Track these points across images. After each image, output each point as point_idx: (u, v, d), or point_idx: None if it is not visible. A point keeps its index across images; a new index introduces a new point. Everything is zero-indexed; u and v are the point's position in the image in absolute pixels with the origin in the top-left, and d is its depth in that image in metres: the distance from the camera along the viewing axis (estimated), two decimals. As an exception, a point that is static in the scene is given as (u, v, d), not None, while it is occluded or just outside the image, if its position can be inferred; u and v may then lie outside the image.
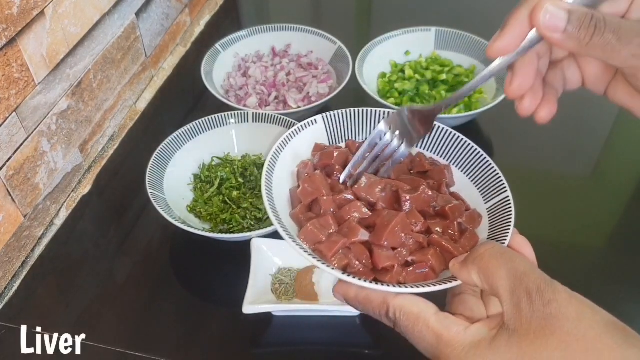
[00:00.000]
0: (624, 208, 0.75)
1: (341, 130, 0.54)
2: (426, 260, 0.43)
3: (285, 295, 0.62)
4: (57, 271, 0.69)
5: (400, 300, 0.39)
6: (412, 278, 0.43)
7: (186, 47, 1.01)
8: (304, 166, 0.50)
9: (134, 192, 0.75)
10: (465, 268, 0.39)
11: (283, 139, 0.50)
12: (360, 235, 0.44)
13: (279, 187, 0.48)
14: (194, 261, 0.69)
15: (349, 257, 0.43)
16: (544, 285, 0.34)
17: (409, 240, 0.44)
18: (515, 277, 0.35)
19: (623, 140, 0.84)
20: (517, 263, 0.36)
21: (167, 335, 0.62)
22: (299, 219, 0.47)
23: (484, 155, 0.51)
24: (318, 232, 0.44)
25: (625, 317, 0.34)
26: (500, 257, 0.37)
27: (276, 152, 0.49)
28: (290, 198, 0.49)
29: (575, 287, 0.35)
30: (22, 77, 0.62)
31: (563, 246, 0.69)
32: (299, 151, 0.51)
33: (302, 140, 0.52)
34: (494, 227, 0.46)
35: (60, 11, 0.66)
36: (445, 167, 0.51)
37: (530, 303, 0.34)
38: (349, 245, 0.44)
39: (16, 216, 0.65)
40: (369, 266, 0.43)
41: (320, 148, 0.52)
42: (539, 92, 0.42)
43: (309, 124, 0.52)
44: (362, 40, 0.92)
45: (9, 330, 0.62)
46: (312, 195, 0.47)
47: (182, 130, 0.74)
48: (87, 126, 0.77)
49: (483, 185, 0.50)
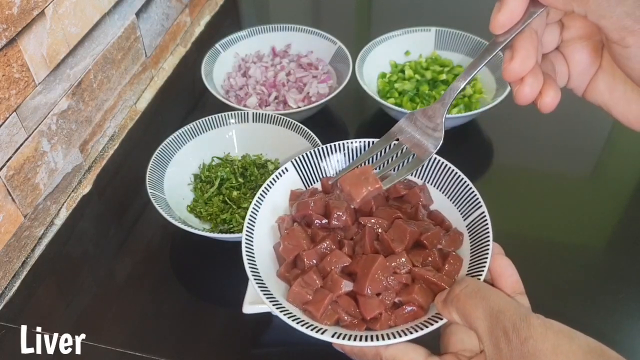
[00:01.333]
0: (624, 208, 0.75)
1: (314, 170, 0.54)
2: (412, 299, 0.44)
3: (285, 295, 0.62)
4: (57, 271, 0.69)
5: (390, 352, 0.41)
6: (401, 320, 0.44)
7: (186, 47, 1.01)
8: (282, 221, 0.51)
9: (134, 192, 0.75)
10: (446, 308, 0.40)
11: (258, 196, 0.51)
12: (344, 287, 0.45)
13: (262, 245, 0.50)
14: (194, 261, 0.69)
15: (338, 312, 0.44)
16: (519, 322, 0.35)
17: (392, 281, 0.44)
18: (491, 316, 0.36)
19: (623, 140, 0.84)
20: (492, 301, 0.37)
21: (167, 335, 0.62)
22: (285, 278, 0.48)
23: (458, 172, 0.51)
24: (304, 292, 0.45)
25: (625, 317, 0.35)
26: (475, 296, 0.38)
27: (254, 210, 0.51)
28: (274, 255, 0.50)
29: (576, 287, 0.36)
30: (22, 77, 0.62)
31: (563, 246, 0.69)
32: (277, 203, 0.53)
33: (278, 190, 0.53)
34: (474, 244, 0.47)
35: (60, 11, 0.66)
36: (420, 188, 0.51)
37: (507, 342, 0.34)
38: (335, 299, 0.45)
39: (16, 216, 0.65)
40: (358, 316, 0.44)
41: (295, 196, 0.52)
42: (540, 75, 0.39)
43: (280, 174, 0.53)
44: (362, 40, 0.92)
45: (9, 330, 0.62)
46: (293, 251, 0.48)
47: (182, 130, 0.74)
48: (87, 126, 0.77)
49: (459, 202, 0.51)
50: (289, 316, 0.43)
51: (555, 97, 0.40)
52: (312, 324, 0.43)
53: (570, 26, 0.42)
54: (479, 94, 0.83)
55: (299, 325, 0.42)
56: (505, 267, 0.42)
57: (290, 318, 0.43)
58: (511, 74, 0.38)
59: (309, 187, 0.54)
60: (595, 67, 0.42)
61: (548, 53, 0.43)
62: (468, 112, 0.78)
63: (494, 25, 0.37)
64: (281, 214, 0.52)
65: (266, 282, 0.46)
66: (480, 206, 0.48)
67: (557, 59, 0.43)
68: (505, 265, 0.42)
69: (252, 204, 0.50)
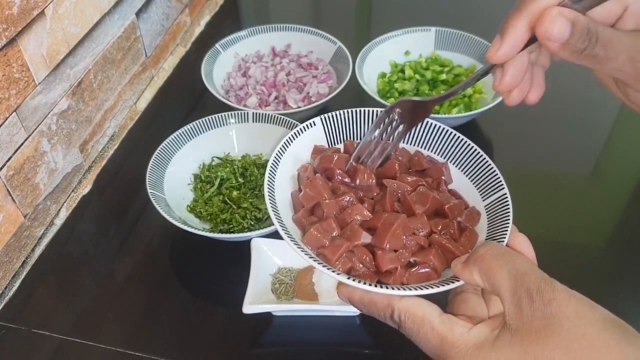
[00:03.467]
0: (624, 208, 0.75)
1: (339, 131, 0.54)
2: (428, 260, 0.43)
3: (285, 295, 0.62)
4: (57, 271, 0.69)
5: (404, 303, 0.40)
6: (415, 279, 0.43)
7: (186, 47, 1.01)
8: (304, 170, 0.50)
9: (134, 192, 0.75)
10: (467, 268, 0.39)
11: (283, 143, 0.51)
12: (363, 238, 0.44)
13: (281, 190, 0.49)
14: (194, 261, 0.69)
15: (353, 260, 0.43)
16: (544, 285, 0.35)
17: (410, 241, 0.44)
18: (515, 277, 0.36)
19: (623, 140, 0.84)
20: (517, 263, 0.37)
21: (167, 335, 0.62)
22: (301, 223, 0.47)
23: (481, 152, 0.51)
24: (321, 236, 0.44)
25: (625, 317, 0.35)
26: (501, 258, 0.37)
27: (277, 155, 0.50)
28: (292, 201, 0.50)
29: (576, 287, 0.35)
30: (22, 77, 0.62)
31: (563, 246, 0.69)
32: (299, 154, 0.52)
33: (302, 142, 0.52)
34: (492, 224, 0.47)
35: (60, 11, 0.66)
36: (442, 164, 0.51)
37: (530, 303, 0.34)
38: (352, 249, 0.44)
39: (16, 216, 0.65)
40: (372, 268, 0.44)
41: (319, 151, 0.52)
42: (528, 83, 0.43)
43: (307, 126, 0.52)
44: (362, 40, 0.92)
45: (9, 330, 0.62)
46: (314, 199, 0.47)
47: (182, 130, 0.74)
48: (87, 126, 0.77)
49: (480, 183, 0.50)
50: (306, 254, 0.42)
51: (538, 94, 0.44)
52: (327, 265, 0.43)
53: None
54: (479, 94, 0.83)
55: (315, 263, 0.42)
56: (524, 245, 0.42)
57: (307, 256, 0.42)
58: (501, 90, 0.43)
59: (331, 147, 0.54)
60: None
61: None
62: (468, 112, 0.78)
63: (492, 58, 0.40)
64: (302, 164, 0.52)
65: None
66: (502, 187, 0.48)
67: None
68: (523, 242, 0.43)
69: (275, 150, 0.50)
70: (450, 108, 0.81)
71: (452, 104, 0.82)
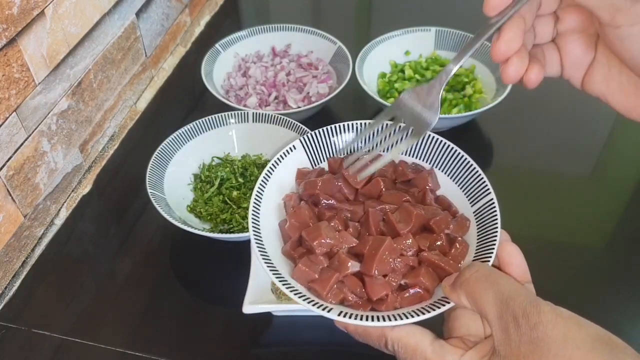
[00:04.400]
0: (624, 208, 0.75)
1: (321, 149, 0.54)
2: (418, 282, 0.43)
3: (285, 295, 0.62)
4: (57, 271, 0.69)
5: (396, 333, 0.40)
6: (407, 302, 0.43)
7: (186, 47, 1.01)
8: (288, 199, 0.50)
9: (134, 192, 0.75)
10: (454, 292, 0.40)
11: (265, 172, 0.51)
12: (351, 268, 0.44)
13: (268, 222, 0.49)
14: (194, 261, 0.69)
15: (344, 291, 0.44)
16: (530, 308, 0.35)
17: (398, 264, 0.44)
18: (501, 301, 0.36)
19: (623, 140, 0.84)
20: (502, 286, 0.37)
21: (167, 335, 0.62)
22: (290, 255, 0.47)
23: (467, 158, 0.51)
24: (310, 270, 0.45)
25: (625, 317, 0.35)
26: (485, 281, 0.38)
27: (260, 186, 0.50)
28: (279, 232, 0.50)
29: (576, 288, 0.36)
30: (22, 77, 0.62)
31: (563, 246, 0.69)
32: (283, 181, 0.52)
33: (285, 168, 0.52)
34: (481, 231, 0.47)
35: (60, 11, 0.66)
36: (428, 172, 0.51)
37: (517, 327, 0.34)
38: (341, 279, 0.44)
39: (16, 216, 0.65)
40: (364, 297, 0.44)
41: (302, 175, 0.52)
42: (525, 58, 0.42)
43: (288, 151, 0.53)
44: (362, 40, 0.92)
45: (9, 330, 0.62)
46: (299, 230, 0.47)
47: (182, 130, 0.74)
48: (87, 126, 0.77)
49: (468, 188, 0.50)
50: (295, 293, 0.43)
51: (539, 73, 0.42)
52: (318, 301, 0.43)
53: (564, 19, 0.43)
54: (479, 94, 0.83)
55: (305, 302, 0.42)
56: (514, 255, 0.42)
57: (297, 295, 0.42)
58: (497, 53, 0.40)
59: (315, 167, 0.54)
60: (589, 59, 0.43)
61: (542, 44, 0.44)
62: (468, 112, 0.78)
63: (487, 7, 0.39)
64: (287, 191, 0.52)
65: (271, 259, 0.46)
66: (489, 193, 0.48)
67: (550, 50, 0.44)
68: (513, 252, 0.42)
69: (258, 180, 0.50)
70: (450, 108, 0.81)
71: (452, 104, 0.82)
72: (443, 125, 0.81)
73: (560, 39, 0.43)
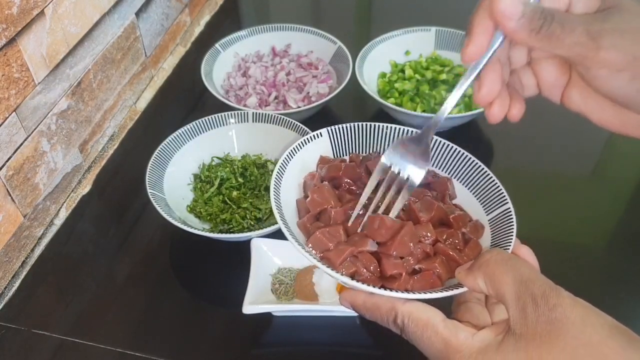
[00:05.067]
0: (624, 208, 0.75)
1: (345, 143, 0.54)
2: (433, 268, 0.44)
3: (285, 295, 0.62)
4: (57, 271, 0.68)
5: (408, 307, 0.40)
6: (419, 286, 0.43)
7: (186, 47, 1.01)
8: (311, 177, 0.50)
9: (134, 192, 0.75)
10: (471, 274, 0.39)
11: (290, 150, 0.51)
12: (370, 246, 0.44)
13: (286, 196, 0.49)
14: (194, 261, 0.69)
15: (357, 265, 0.44)
16: (549, 290, 0.35)
17: (416, 249, 0.44)
18: (520, 282, 0.36)
19: (623, 140, 0.84)
20: (522, 269, 0.37)
21: (167, 335, 0.62)
22: (306, 228, 0.47)
23: (484, 168, 0.51)
24: (327, 240, 0.44)
25: (625, 317, 0.35)
26: (506, 264, 0.38)
27: (284, 161, 0.50)
28: (297, 208, 0.50)
29: (576, 287, 0.35)
30: (22, 77, 0.62)
31: (563, 246, 0.69)
32: (305, 163, 0.52)
33: (308, 152, 0.52)
34: (496, 237, 0.47)
35: (60, 11, 0.66)
36: (447, 179, 0.51)
37: (535, 307, 0.34)
38: (356, 254, 0.44)
39: (16, 216, 0.65)
40: (376, 274, 0.44)
41: (325, 161, 0.52)
42: (506, 98, 0.44)
43: (314, 136, 0.53)
44: (362, 40, 0.92)
45: (9, 330, 0.62)
46: (320, 205, 0.47)
47: (182, 130, 0.74)
48: (87, 126, 0.77)
49: (484, 198, 0.51)
50: (311, 255, 0.43)
51: (520, 111, 0.45)
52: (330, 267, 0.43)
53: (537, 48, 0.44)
54: (479, 94, 0.83)
55: (319, 263, 0.42)
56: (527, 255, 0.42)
57: (312, 257, 0.42)
58: (481, 101, 0.43)
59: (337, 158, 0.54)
60: (564, 80, 0.44)
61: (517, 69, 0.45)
62: (468, 112, 0.78)
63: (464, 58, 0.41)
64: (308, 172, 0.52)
65: None
66: (506, 202, 0.48)
67: (526, 74, 0.46)
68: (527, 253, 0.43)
69: (282, 156, 0.50)
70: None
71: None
72: (443, 125, 0.81)
73: (535, 65, 0.45)
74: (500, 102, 0.44)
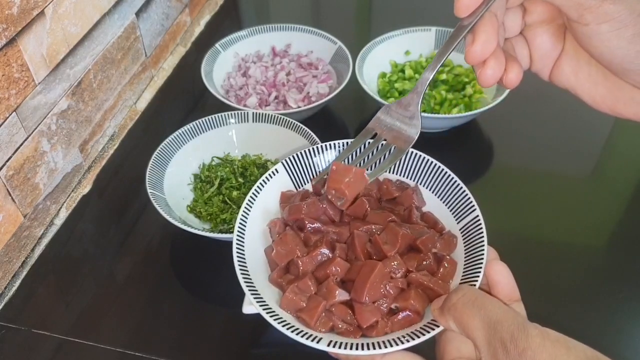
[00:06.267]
0: (624, 208, 0.75)
1: (304, 171, 0.54)
2: (409, 305, 0.43)
3: (285, 295, 0.62)
4: (57, 271, 0.69)
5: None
6: (398, 326, 0.43)
7: (186, 47, 1.01)
8: (273, 225, 0.50)
9: (134, 192, 0.75)
10: (442, 316, 0.40)
11: (249, 198, 0.50)
12: (339, 296, 0.44)
13: (254, 249, 0.49)
14: (194, 261, 0.69)
15: (333, 319, 0.44)
16: (517, 333, 0.34)
17: (389, 288, 0.44)
18: (489, 326, 0.36)
19: (623, 140, 0.84)
20: (489, 310, 0.37)
21: (167, 335, 0.62)
22: (278, 283, 0.47)
23: (451, 175, 0.51)
24: (297, 299, 0.44)
25: (625, 317, 0.35)
26: (472, 306, 0.37)
27: (244, 213, 0.50)
28: (266, 259, 0.49)
29: (576, 287, 0.35)
30: (22, 77, 0.62)
31: (563, 246, 0.69)
32: (268, 205, 0.52)
33: (269, 192, 0.52)
34: (469, 248, 0.46)
35: (60, 11, 0.66)
36: (413, 189, 0.51)
37: (505, 353, 0.34)
38: (329, 308, 0.44)
39: (16, 216, 0.65)
40: (353, 324, 0.44)
41: (286, 198, 0.52)
42: (502, 58, 0.40)
43: (270, 175, 0.52)
44: (362, 40, 0.92)
45: (9, 330, 0.62)
46: (286, 257, 0.47)
47: (182, 130, 0.74)
48: (87, 126, 0.77)
49: (453, 205, 0.50)
50: (283, 324, 0.43)
51: (519, 73, 0.41)
52: (307, 331, 0.43)
53: (532, 10, 0.42)
54: (479, 94, 0.83)
55: (293, 334, 0.42)
56: (502, 274, 0.42)
57: (285, 326, 0.42)
58: (473, 56, 0.39)
59: (299, 189, 0.54)
60: (557, 50, 0.42)
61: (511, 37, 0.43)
62: (468, 112, 0.78)
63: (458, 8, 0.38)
64: (272, 216, 0.52)
65: (258, 287, 0.46)
66: (474, 209, 0.48)
67: (518, 43, 0.43)
68: (501, 271, 0.42)
69: (242, 208, 0.50)
70: (450, 108, 0.81)
71: (452, 104, 0.82)
72: (443, 125, 0.81)
73: (529, 31, 0.42)
74: (495, 62, 0.40)
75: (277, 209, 0.53)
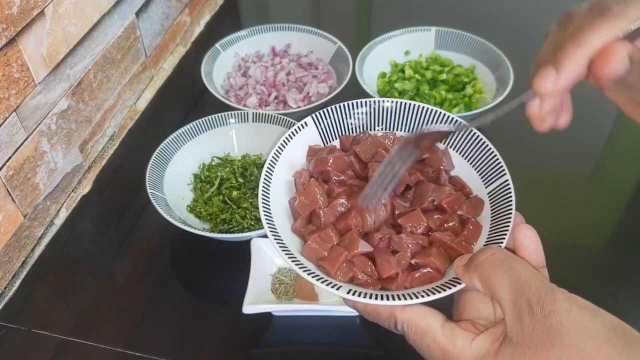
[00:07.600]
0: (624, 208, 0.75)
1: (333, 128, 0.53)
2: (429, 262, 0.43)
3: (285, 295, 0.62)
4: (57, 271, 0.68)
5: (407, 313, 0.40)
6: (417, 282, 0.43)
7: (186, 47, 1.01)
8: (299, 176, 0.50)
9: (134, 192, 0.75)
10: (467, 274, 0.39)
11: (276, 149, 0.50)
12: (361, 247, 0.44)
13: (278, 199, 0.48)
14: (194, 261, 0.69)
15: (353, 270, 0.43)
16: (545, 295, 0.34)
17: (410, 242, 0.44)
18: (516, 287, 0.35)
19: (623, 140, 0.84)
20: (517, 271, 0.36)
21: (167, 335, 0.62)
22: (300, 233, 0.47)
23: (483, 138, 0.50)
24: (319, 247, 0.44)
25: (625, 317, 0.34)
26: (501, 265, 0.37)
27: (271, 163, 0.49)
28: (290, 209, 0.49)
29: (576, 287, 0.35)
30: (22, 77, 0.62)
31: (563, 246, 0.69)
32: (294, 158, 0.51)
33: (296, 145, 0.51)
34: (495, 212, 0.46)
35: (60, 11, 0.66)
36: (442, 152, 0.50)
37: (531, 315, 0.34)
38: (351, 258, 0.44)
39: (16, 216, 0.65)
40: (374, 275, 0.43)
41: (313, 152, 0.51)
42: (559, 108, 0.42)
43: (300, 127, 0.52)
44: (362, 40, 0.92)
45: (9, 330, 0.62)
46: (309, 207, 0.47)
47: (182, 130, 0.74)
48: (87, 126, 0.77)
49: (482, 169, 0.49)
50: (305, 270, 0.42)
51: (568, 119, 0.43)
52: (327, 279, 0.42)
53: None
54: (479, 94, 0.83)
55: (314, 280, 0.41)
56: (530, 239, 0.41)
57: (306, 272, 0.42)
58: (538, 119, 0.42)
59: (327, 144, 0.53)
60: None
61: None
62: (468, 112, 0.78)
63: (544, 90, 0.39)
64: (298, 168, 0.51)
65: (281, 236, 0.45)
66: (504, 174, 0.47)
67: None
68: (529, 236, 0.41)
69: (269, 157, 0.49)
70: (450, 108, 0.81)
71: (452, 104, 0.82)
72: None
73: None
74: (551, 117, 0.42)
75: (304, 162, 0.52)
